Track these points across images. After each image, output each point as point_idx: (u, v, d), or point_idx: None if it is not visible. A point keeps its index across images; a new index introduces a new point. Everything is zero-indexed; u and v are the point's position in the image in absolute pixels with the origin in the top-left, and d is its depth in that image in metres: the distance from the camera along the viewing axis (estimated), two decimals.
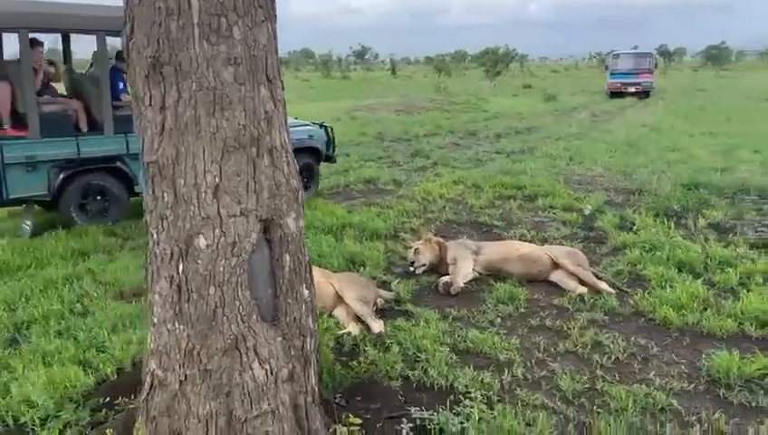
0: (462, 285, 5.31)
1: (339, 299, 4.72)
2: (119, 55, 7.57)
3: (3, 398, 3.47)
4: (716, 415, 3.38)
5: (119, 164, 7.12)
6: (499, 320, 4.68)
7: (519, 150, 13.54)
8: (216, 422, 2.84)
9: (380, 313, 4.73)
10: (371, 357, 3.95)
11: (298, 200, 2.93)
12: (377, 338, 4.29)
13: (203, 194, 2.63)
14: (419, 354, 4.00)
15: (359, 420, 3.21)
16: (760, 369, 3.84)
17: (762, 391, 3.66)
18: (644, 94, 28.56)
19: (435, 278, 5.57)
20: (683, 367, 3.98)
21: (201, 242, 2.67)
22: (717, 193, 8.54)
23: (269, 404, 2.88)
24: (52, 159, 6.68)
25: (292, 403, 2.95)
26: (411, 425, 3.18)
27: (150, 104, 2.60)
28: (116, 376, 3.75)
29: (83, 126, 7.15)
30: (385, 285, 5.39)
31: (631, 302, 5.00)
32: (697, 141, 13.93)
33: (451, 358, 3.98)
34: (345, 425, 3.15)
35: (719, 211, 7.69)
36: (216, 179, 2.64)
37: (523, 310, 4.88)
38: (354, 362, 3.86)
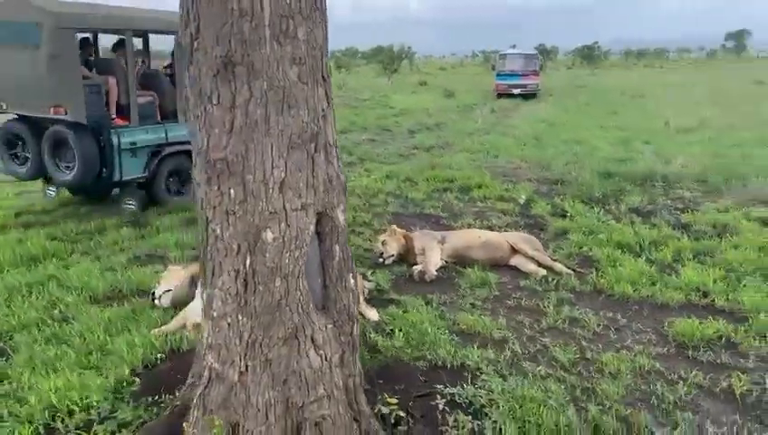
0: (435, 272, 5.59)
1: None
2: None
3: (20, 406, 3.35)
4: (693, 373, 3.88)
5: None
6: (479, 303, 5.00)
7: (436, 145, 14.03)
8: (275, 410, 2.95)
9: (368, 302, 4.91)
10: (380, 343, 4.14)
11: (344, 194, 3.08)
12: (376, 325, 4.48)
13: (270, 189, 2.73)
14: (423, 338, 4.23)
15: (395, 401, 3.40)
16: (715, 332, 4.40)
17: (722, 350, 4.22)
18: (530, 96, 27.77)
19: (405, 268, 5.81)
20: (651, 334, 4.48)
21: (268, 236, 2.76)
22: (630, 181, 9.38)
23: (324, 389, 3.02)
24: (148, 144, 7.68)
25: (344, 387, 3.10)
26: (445, 401, 3.42)
27: (219, 102, 2.66)
28: (135, 377, 3.69)
29: (158, 116, 8.14)
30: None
31: (589, 280, 5.49)
32: (594, 134, 15.05)
33: (452, 339, 4.25)
34: (384, 405, 3.34)
35: (635, 197, 8.49)
36: (282, 175, 2.74)
37: (497, 293, 5.24)
38: (367, 348, 4.04)
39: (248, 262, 2.78)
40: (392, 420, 3.31)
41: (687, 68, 68.40)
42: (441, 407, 3.38)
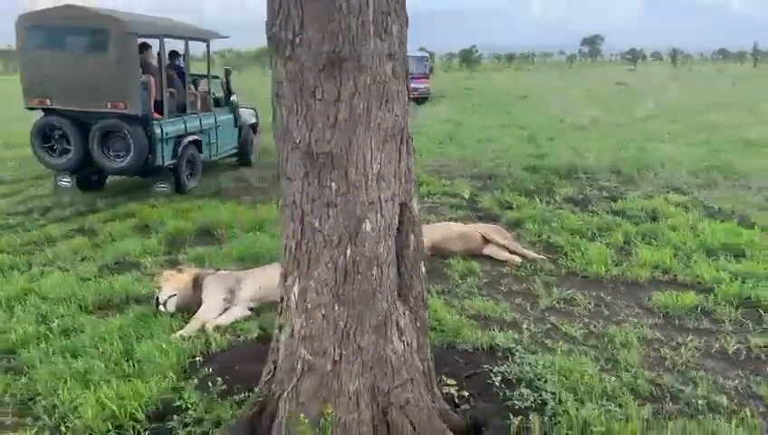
0: None
1: None
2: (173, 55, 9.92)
3: (74, 419, 3.19)
4: (689, 337, 4.37)
5: (199, 137, 9.48)
6: (475, 290, 5.27)
7: None
8: (364, 397, 3.03)
9: None
10: None
11: (417, 185, 3.21)
12: None
13: (370, 181, 2.82)
14: (442, 325, 4.42)
15: (453, 382, 3.58)
16: (691, 302, 4.94)
17: (702, 318, 4.75)
18: (422, 100, 25.85)
19: None
20: (637, 308, 4.95)
21: (367, 226, 2.85)
22: (555, 174, 10.07)
23: (407, 373, 3.14)
24: (175, 134, 8.81)
25: (422, 370, 3.23)
26: (500, 378, 3.64)
27: (322, 98, 2.71)
28: (183, 380, 3.60)
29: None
30: None
31: (560, 264, 5.93)
32: (501, 133, 15.88)
33: (471, 323, 4.48)
34: (445, 386, 3.51)
35: (565, 188, 9.14)
36: (378, 167, 2.84)
37: (486, 280, 5.54)
38: None
39: (348, 252, 2.85)
40: (455, 400, 3.48)
41: (553, 70, 73.27)
42: (498, 384, 3.58)
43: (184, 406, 2.99)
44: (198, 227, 6.98)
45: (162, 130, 8.44)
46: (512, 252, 6.14)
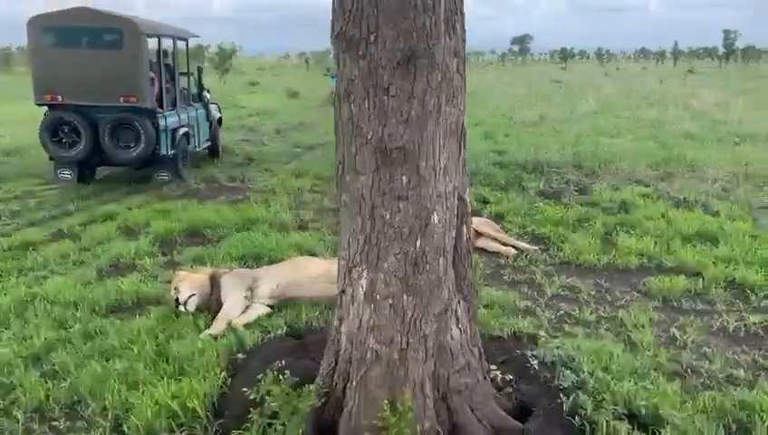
0: None
1: None
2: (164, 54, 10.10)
3: (136, 420, 3.17)
4: (691, 318, 4.67)
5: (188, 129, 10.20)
6: (480, 281, 5.44)
7: (319, 144, 14.24)
8: (427, 384, 3.14)
9: None
10: None
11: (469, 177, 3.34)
12: None
13: (438, 174, 2.93)
14: None
15: (494, 366, 3.72)
16: (683, 286, 5.27)
17: (695, 300, 5.08)
18: None
19: None
20: (635, 293, 5.25)
21: (435, 218, 2.96)
22: (521, 169, 10.40)
23: (464, 359, 3.27)
24: (174, 126, 9.58)
25: (475, 355, 3.37)
26: (537, 360, 3.81)
27: (396, 94, 2.80)
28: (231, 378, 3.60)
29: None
30: None
31: (552, 254, 6.19)
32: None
33: (489, 312, 4.65)
34: (490, 370, 3.66)
35: (534, 183, 9.46)
36: (445, 160, 2.96)
37: (488, 271, 5.72)
38: None
39: (418, 244, 2.95)
40: (498, 383, 3.63)
41: (487, 69, 74.75)
42: (536, 366, 3.76)
43: (258, 399, 3.00)
44: (186, 228, 6.88)
45: (166, 121, 9.27)
46: (504, 244, 6.36)
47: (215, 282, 4.72)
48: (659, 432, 3.11)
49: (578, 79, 42.42)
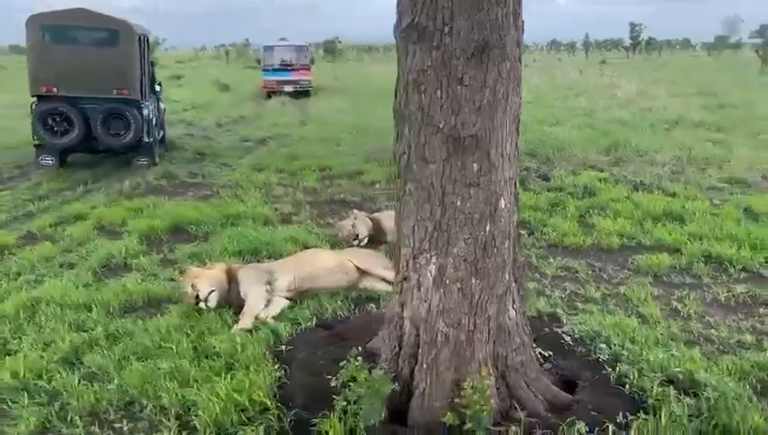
0: None
1: (363, 274, 5.05)
2: None
3: (202, 414, 3.15)
4: (686, 292, 5.03)
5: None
6: None
7: (268, 137, 14.09)
8: (489, 363, 3.28)
9: None
10: None
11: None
12: None
13: (504, 161, 3.06)
14: None
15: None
16: (667, 263, 5.63)
17: (683, 274, 5.44)
18: (303, 94, 24.00)
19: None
20: (628, 271, 5.57)
21: (502, 203, 3.09)
22: None
23: (519, 338, 3.42)
24: (152, 115, 10.66)
25: (526, 333, 3.52)
26: (570, 336, 4.02)
27: (469, 84, 2.90)
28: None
29: None
30: None
31: (539, 238, 6.46)
32: None
33: None
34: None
35: None
36: (509, 147, 3.09)
37: None
38: None
39: (487, 228, 3.07)
40: (539, 359, 3.81)
41: None
42: (569, 342, 3.97)
43: (338, 386, 3.04)
44: (168, 226, 6.71)
45: (149, 111, 10.36)
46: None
47: (231, 277, 4.68)
48: (700, 395, 3.36)
49: None
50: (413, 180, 3.12)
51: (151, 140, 10.45)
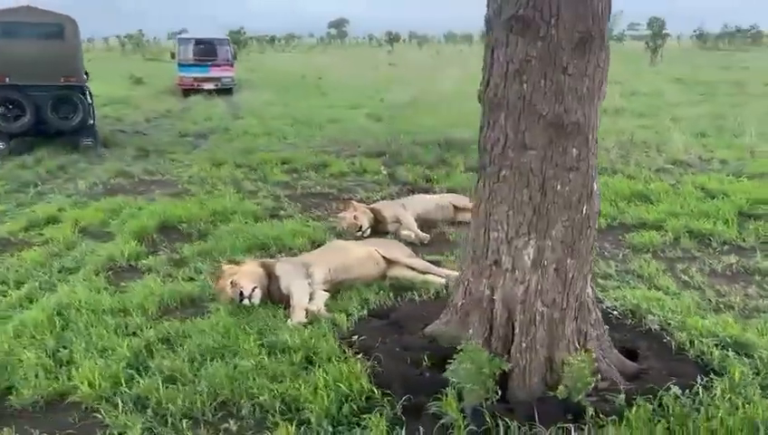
0: (424, 235, 6.17)
1: (389, 263, 5.10)
2: None
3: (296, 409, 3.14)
4: (685, 265, 5.44)
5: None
6: None
7: (211, 131, 13.69)
8: (575, 338, 3.47)
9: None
10: None
11: None
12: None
13: (597, 147, 3.24)
14: None
15: None
16: (657, 240, 6.05)
17: (675, 249, 5.86)
18: (225, 92, 21.96)
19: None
20: (624, 248, 5.94)
21: (595, 185, 3.27)
22: (438, 147, 10.86)
23: (595, 314, 3.62)
24: (91, 101, 11.56)
25: (598, 307, 3.72)
26: (615, 311, 4.28)
27: (572, 73, 3.05)
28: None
29: None
30: None
31: None
32: (341, 113, 16.31)
33: None
34: None
35: (458, 159, 9.97)
36: (596, 134, 3.26)
37: None
38: None
39: (584, 210, 3.24)
40: None
41: (312, 52, 75.09)
42: (618, 316, 4.23)
43: (450, 371, 3.11)
44: (157, 225, 6.45)
45: (92, 95, 11.53)
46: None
47: (269, 272, 4.61)
48: (753, 356, 3.70)
49: (411, 62, 44.15)
50: (509, 167, 3.24)
51: (93, 122, 11.49)
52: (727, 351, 3.73)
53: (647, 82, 24.11)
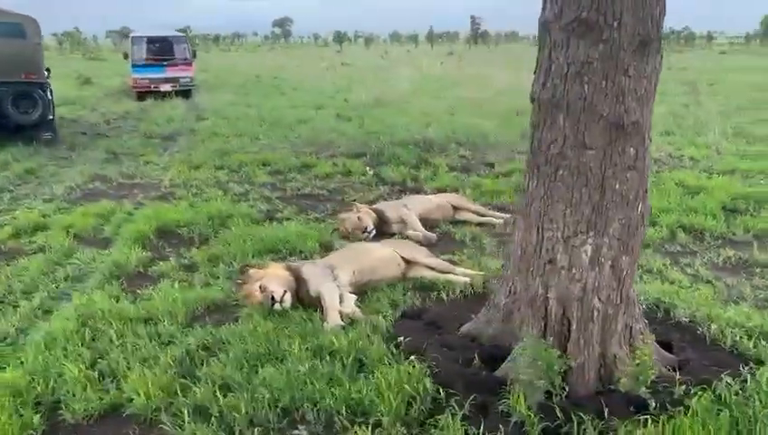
0: (431, 235, 6.20)
1: (408, 264, 5.11)
2: None
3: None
4: (687, 259, 5.65)
5: None
6: (501, 249, 5.90)
7: (177, 133, 13.37)
8: (625, 334, 3.56)
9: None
10: None
11: None
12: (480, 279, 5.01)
13: (650, 145, 3.33)
14: None
15: None
16: (655, 235, 6.24)
17: (674, 244, 6.08)
18: (184, 95, 20.26)
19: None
20: None
21: (649, 183, 3.36)
22: (417, 147, 10.92)
23: (637, 308, 3.73)
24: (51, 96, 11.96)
25: (639, 303, 3.83)
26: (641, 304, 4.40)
27: (632, 75, 3.13)
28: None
29: None
30: None
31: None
32: (308, 114, 16.15)
33: None
34: None
35: (440, 159, 10.06)
36: (650, 134, 3.36)
37: (495, 241, 6.20)
38: None
39: (639, 208, 3.33)
40: None
41: (259, 51, 74.18)
42: (644, 309, 4.35)
43: (516, 370, 3.14)
44: (155, 230, 6.27)
45: (52, 92, 11.95)
46: (482, 214, 6.86)
47: (296, 275, 4.55)
48: None
49: (363, 62, 44.14)
50: (567, 166, 3.30)
51: (53, 117, 11.95)
52: (759, 340, 3.89)
53: None
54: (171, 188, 8.36)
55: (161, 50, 20.98)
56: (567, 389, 3.24)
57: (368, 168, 9.43)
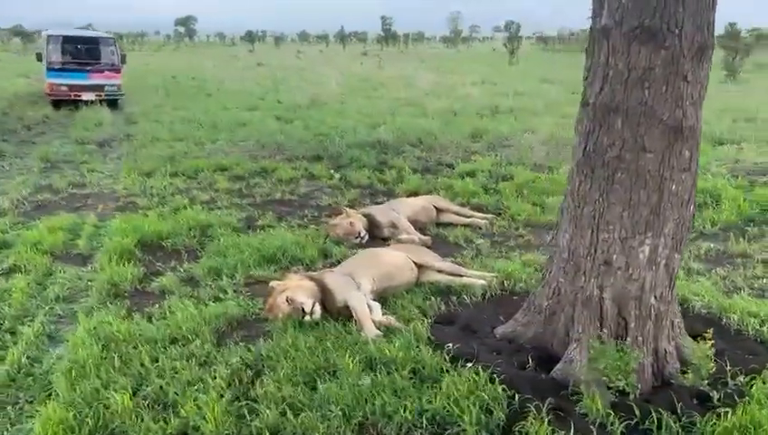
0: (426, 238, 6.19)
1: (420, 268, 5.08)
2: None
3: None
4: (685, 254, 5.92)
5: None
6: (496, 251, 5.97)
7: (125, 138, 12.71)
8: (672, 329, 3.70)
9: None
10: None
11: None
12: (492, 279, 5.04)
13: (700, 147, 3.46)
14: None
15: None
16: None
17: None
18: (110, 104, 17.34)
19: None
20: None
21: (699, 183, 3.50)
22: (374, 149, 10.87)
23: (676, 304, 3.88)
24: None
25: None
26: None
27: (691, 80, 3.24)
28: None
29: None
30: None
31: (508, 218, 6.99)
32: (243, 116, 15.70)
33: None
34: None
35: (399, 161, 10.06)
36: (700, 137, 3.50)
37: (496, 239, 6.27)
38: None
39: (691, 208, 3.46)
40: None
41: (164, 51, 71.57)
42: None
43: (587, 369, 3.16)
44: (137, 243, 5.91)
45: None
46: (465, 216, 6.93)
47: (321, 286, 4.42)
48: None
49: (278, 62, 43.49)
50: (625, 169, 3.37)
51: None
52: None
53: (519, 82, 25.62)
54: (130, 198, 7.91)
55: (84, 52, 18.41)
56: (639, 386, 3.32)
57: (332, 171, 9.29)
